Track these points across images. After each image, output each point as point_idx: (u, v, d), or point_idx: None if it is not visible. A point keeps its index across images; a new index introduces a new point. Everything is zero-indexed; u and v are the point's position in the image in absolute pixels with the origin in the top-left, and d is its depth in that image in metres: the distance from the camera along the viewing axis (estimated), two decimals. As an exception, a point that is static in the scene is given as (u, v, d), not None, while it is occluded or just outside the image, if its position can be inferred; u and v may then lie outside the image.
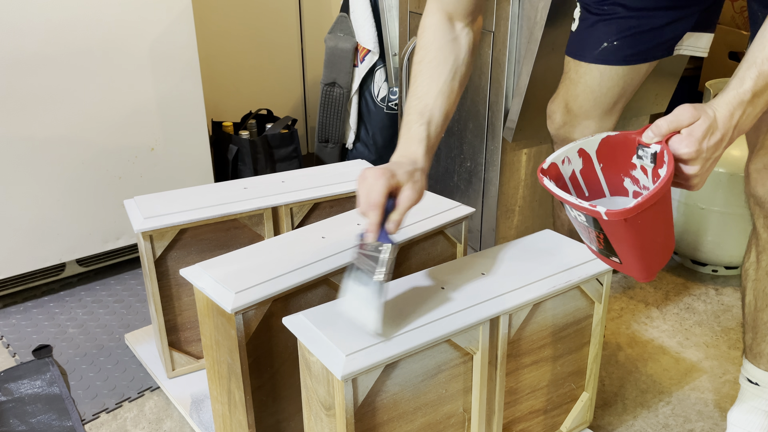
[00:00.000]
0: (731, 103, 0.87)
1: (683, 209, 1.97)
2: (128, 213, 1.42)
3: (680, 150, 0.85)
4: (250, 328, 1.11)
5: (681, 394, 1.52)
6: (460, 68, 1.10)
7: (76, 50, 1.72)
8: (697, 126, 0.85)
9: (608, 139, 0.93)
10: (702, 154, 0.86)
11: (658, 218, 0.88)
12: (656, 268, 0.97)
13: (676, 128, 0.86)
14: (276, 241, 1.27)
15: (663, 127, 0.86)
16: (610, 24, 1.28)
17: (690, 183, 0.89)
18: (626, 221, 0.84)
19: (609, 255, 0.96)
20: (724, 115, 0.86)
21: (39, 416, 1.43)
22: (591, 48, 1.31)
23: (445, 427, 1.08)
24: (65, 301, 1.87)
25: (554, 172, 0.95)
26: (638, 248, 0.91)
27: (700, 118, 0.85)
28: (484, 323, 1.04)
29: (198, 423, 1.38)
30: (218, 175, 2.25)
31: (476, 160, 1.92)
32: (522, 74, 1.68)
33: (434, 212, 1.38)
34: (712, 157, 0.88)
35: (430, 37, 1.10)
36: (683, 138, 0.85)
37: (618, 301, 1.89)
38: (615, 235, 0.89)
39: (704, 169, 0.88)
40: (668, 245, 0.96)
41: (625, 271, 0.98)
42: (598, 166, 0.96)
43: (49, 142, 1.75)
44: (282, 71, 2.75)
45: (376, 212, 0.94)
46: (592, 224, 0.90)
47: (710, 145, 0.86)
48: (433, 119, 1.05)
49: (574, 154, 0.95)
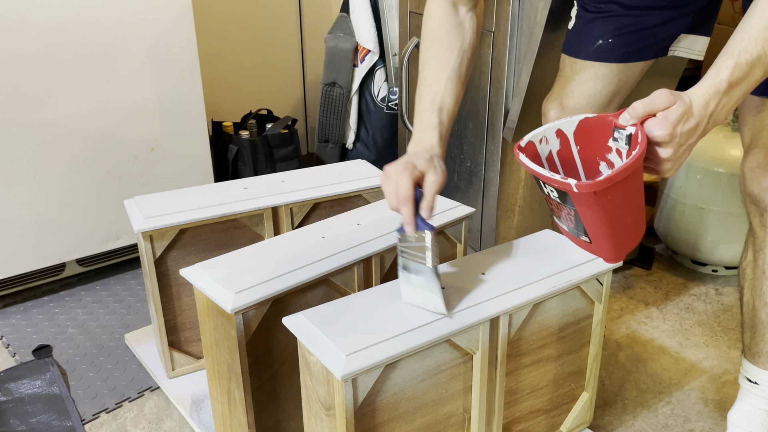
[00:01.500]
0: (707, 92, 0.88)
1: (683, 209, 1.97)
2: (128, 213, 1.42)
3: (654, 132, 0.87)
4: (250, 328, 1.11)
5: (681, 394, 1.52)
6: (467, 52, 1.13)
7: (76, 50, 1.72)
8: (673, 110, 0.86)
9: (586, 121, 0.94)
10: (675, 138, 0.87)
11: (627, 196, 0.89)
12: (625, 249, 0.98)
13: (652, 111, 0.87)
14: (276, 241, 1.27)
15: (639, 110, 0.87)
16: (606, 22, 1.30)
17: (662, 167, 0.90)
18: (595, 195, 0.85)
19: (579, 234, 0.97)
20: (700, 104, 0.88)
21: (39, 416, 1.43)
22: (586, 45, 1.32)
23: (445, 427, 1.08)
24: (65, 301, 1.87)
25: (531, 150, 0.96)
26: (607, 226, 0.92)
27: (676, 103, 0.86)
28: (484, 323, 1.04)
29: (198, 423, 1.38)
30: (218, 175, 2.25)
31: (476, 160, 1.92)
32: (522, 74, 1.68)
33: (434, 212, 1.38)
34: (686, 143, 0.89)
35: (436, 24, 1.13)
36: (658, 121, 0.86)
37: (618, 301, 1.89)
38: (584, 211, 0.90)
39: (677, 154, 0.89)
40: (638, 226, 0.97)
41: (594, 251, 0.99)
42: (575, 148, 0.97)
43: (49, 142, 1.75)
44: (282, 71, 2.75)
45: (408, 206, 0.97)
46: (564, 200, 0.91)
47: (684, 130, 0.87)
48: (445, 105, 1.08)
49: (552, 134, 0.96)
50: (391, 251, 1.28)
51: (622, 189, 0.87)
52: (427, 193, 0.99)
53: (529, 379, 1.19)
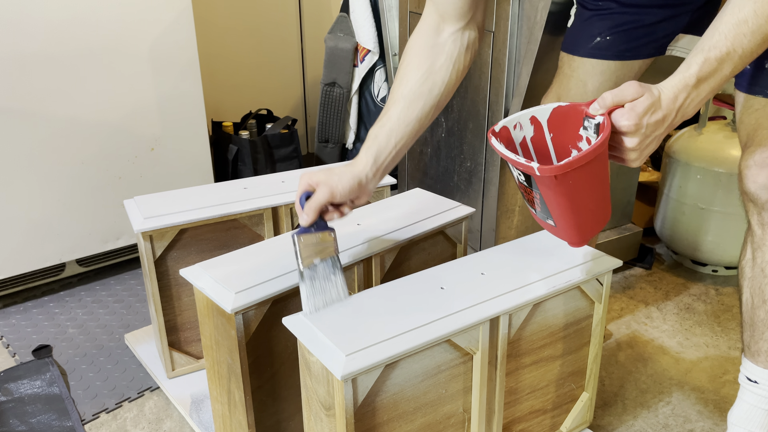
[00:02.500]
0: (676, 86, 0.90)
1: (683, 209, 1.97)
2: (128, 213, 1.42)
3: (620, 122, 0.88)
4: (250, 328, 1.11)
5: (681, 394, 1.52)
6: (435, 77, 1.12)
7: (77, 50, 1.72)
8: (640, 102, 0.88)
9: (559, 109, 0.96)
10: (641, 129, 0.89)
11: (590, 181, 0.91)
12: (588, 234, 1.00)
13: (620, 102, 0.89)
14: (276, 241, 1.27)
15: (607, 100, 0.89)
16: (604, 19, 1.31)
17: (627, 156, 0.92)
18: (557, 179, 0.88)
19: (545, 218, 0.99)
20: (668, 97, 0.89)
21: (39, 416, 1.43)
22: (584, 42, 1.34)
23: (445, 427, 1.08)
24: (65, 301, 1.87)
25: (505, 135, 0.98)
26: (569, 210, 0.94)
27: (644, 95, 0.88)
28: (484, 323, 1.04)
29: (198, 423, 1.38)
30: (218, 175, 2.25)
31: (476, 160, 1.92)
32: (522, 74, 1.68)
33: (434, 212, 1.38)
34: (653, 134, 0.91)
35: (414, 39, 1.14)
36: (625, 112, 0.88)
37: (618, 301, 1.89)
38: (548, 195, 0.93)
39: (643, 145, 0.91)
40: (601, 212, 0.99)
41: (558, 234, 1.02)
42: (548, 135, 0.99)
43: (50, 142, 1.75)
44: (282, 71, 2.75)
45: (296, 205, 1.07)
46: (530, 184, 0.94)
47: (651, 122, 0.89)
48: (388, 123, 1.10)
49: (527, 120, 0.98)
50: (391, 251, 1.28)
51: (585, 174, 0.89)
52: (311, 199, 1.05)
53: (529, 379, 1.19)
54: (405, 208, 1.39)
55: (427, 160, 2.14)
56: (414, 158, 2.22)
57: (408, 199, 1.45)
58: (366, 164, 1.08)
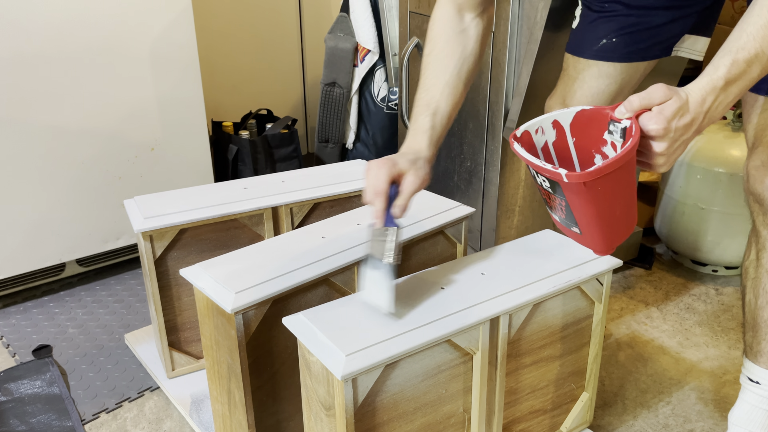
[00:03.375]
0: (704, 88, 0.88)
1: (683, 209, 1.97)
2: (128, 213, 1.41)
3: (649, 126, 0.87)
4: (250, 328, 1.11)
5: (681, 394, 1.52)
6: (468, 59, 1.14)
7: (77, 50, 1.72)
8: (668, 105, 0.86)
9: (583, 113, 0.94)
10: (670, 133, 0.87)
11: (618, 187, 0.89)
12: (615, 242, 0.98)
13: (648, 105, 0.87)
14: (276, 241, 1.27)
15: (635, 103, 0.88)
16: (610, 21, 1.30)
17: (655, 161, 0.90)
18: (586, 186, 0.86)
19: (570, 225, 0.97)
20: (696, 100, 0.88)
21: (39, 416, 1.43)
22: (590, 44, 1.33)
23: (445, 427, 1.08)
24: (65, 301, 1.87)
25: (527, 140, 0.96)
26: (597, 217, 0.92)
27: (672, 98, 0.87)
28: (484, 323, 1.04)
29: (198, 423, 1.38)
30: (218, 175, 2.25)
31: (476, 160, 1.92)
32: (522, 74, 1.68)
33: (434, 212, 1.38)
34: (681, 138, 0.89)
35: (439, 30, 1.15)
36: (653, 115, 0.86)
37: (618, 301, 1.89)
38: (575, 202, 0.91)
39: (671, 149, 0.89)
40: (628, 219, 0.97)
41: (584, 242, 0.99)
42: (570, 140, 0.97)
43: (49, 142, 1.75)
44: (282, 71, 2.75)
45: (380, 199, 0.99)
46: (555, 190, 0.92)
47: (679, 125, 0.87)
48: (439, 110, 1.10)
49: (549, 125, 0.96)
50: (391, 251, 1.28)
51: (613, 181, 0.87)
52: (402, 193, 1.01)
53: (529, 379, 1.19)
54: (405, 208, 1.39)
55: (427, 160, 2.14)
56: (414, 158, 2.21)
57: (408, 199, 1.45)
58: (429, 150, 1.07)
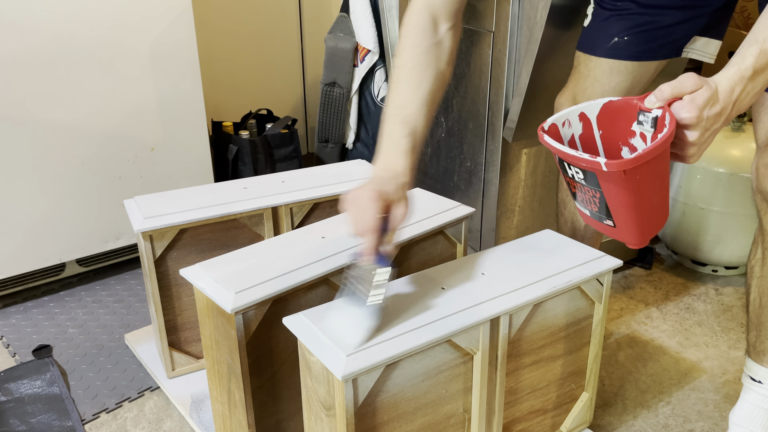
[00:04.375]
0: (732, 78, 0.88)
1: (683, 209, 1.97)
2: (128, 213, 1.41)
3: (682, 114, 0.87)
4: (250, 328, 1.11)
5: (681, 394, 1.52)
6: (441, 76, 1.10)
7: (76, 50, 1.72)
8: (700, 94, 0.86)
9: (610, 104, 0.94)
10: (702, 122, 0.87)
11: (655, 176, 0.89)
12: (649, 233, 0.97)
13: (679, 94, 0.87)
14: (276, 241, 1.27)
15: (666, 92, 0.88)
16: (622, 20, 1.31)
17: (687, 152, 0.90)
18: (625, 174, 0.85)
19: (603, 218, 0.96)
20: (725, 89, 0.88)
21: (39, 416, 1.43)
22: (602, 42, 1.33)
23: (446, 428, 1.08)
24: (65, 301, 1.87)
25: (554, 133, 0.96)
26: (633, 207, 0.91)
27: (703, 86, 0.87)
28: (484, 323, 1.04)
29: (198, 423, 1.38)
30: (218, 175, 2.25)
31: (476, 160, 1.92)
32: (522, 74, 1.68)
33: (434, 212, 1.38)
34: (711, 128, 0.89)
35: (414, 39, 1.09)
36: (685, 104, 0.87)
37: (618, 301, 1.89)
38: (611, 192, 0.90)
39: (702, 139, 0.89)
40: (663, 209, 0.97)
41: (617, 235, 0.98)
42: (597, 132, 0.97)
43: (50, 142, 1.75)
44: (282, 71, 2.75)
45: (372, 236, 0.94)
46: (590, 182, 0.91)
47: (710, 114, 0.87)
48: (417, 130, 1.04)
49: (575, 117, 0.96)
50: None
51: (650, 170, 0.87)
52: (393, 227, 0.97)
53: (529, 379, 1.19)
54: (405, 208, 1.39)
55: (427, 160, 2.14)
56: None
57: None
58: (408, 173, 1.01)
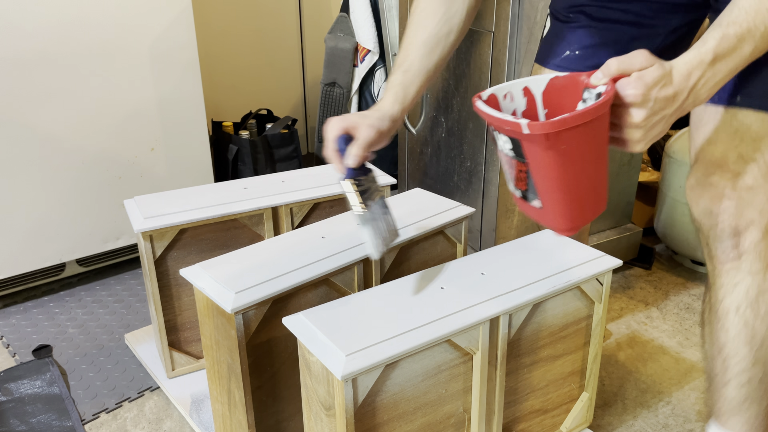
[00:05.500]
0: (691, 62, 0.82)
1: (683, 209, 1.97)
2: (128, 213, 1.42)
3: (627, 90, 0.79)
4: (250, 328, 1.11)
5: (681, 394, 1.52)
6: (450, 23, 1.08)
7: (77, 50, 1.72)
8: (650, 71, 0.80)
9: (556, 80, 0.87)
10: (649, 102, 0.80)
11: (586, 149, 0.81)
12: (580, 218, 0.88)
13: (627, 70, 0.80)
14: (276, 241, 1.27)
15: (612, 67, 0.81)
16: (574, 32, 1.24)
17: (630, 135, 0.82)
18: (548, 139, 0.78)
19: (531, 198, 0.88)
20: (681, 72, 0.81)
21: (39, 416, 1.43)
22: (554, 55, 1.27)
23: (445, 427, 1.08)
24: (65, 301, 1.87)
25: (492, 104, 0.88)
26: (558, 183, 0.83)
27: (654, 65, 0.80)
28: (484, 323, 1.04)
29: (198, 423, 1.39)
30: (218, 175, 2.25)
31: (476, 160, 1.92)
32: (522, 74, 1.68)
33: (434, 212, 1.38)
34: (661, 112, 0.81)
35: None
36: (632, 80, 0.79)
37: (618, 301, 1.89)
38: (536, 163, 0.82)
39: (650, 122, 0.81)
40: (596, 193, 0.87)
41: (544, 220, 0.91)
42: (542, 111, 0.89)
43: (49, 142, 1.75)
44: (282, 71, 2.75)
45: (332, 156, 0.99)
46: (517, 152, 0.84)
47: (660, 96, 0.80)
48: (411, 68, 1.06)
49: (519, 91, 0.89)
50: (391, 251, 1.28)
51: (580, 139, 0.79)
52: (356, 140, 0.99)
53: (529, 379, 1.19)
54: (405, 208, 1.39)
55: (427, 160, 2.14)
56: (414, 158, 2.22)
57: (408, 199, 1.45)
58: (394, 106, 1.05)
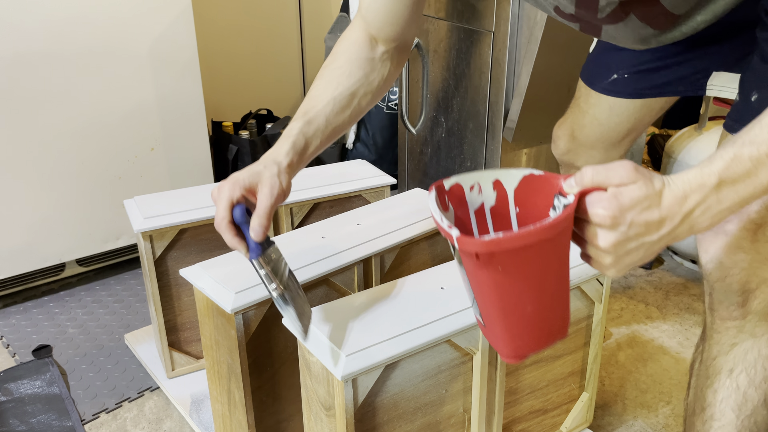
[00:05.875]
0: (689, 183, 0.66)
1: (683, 209, 1.96)
2: (128, 213, 1.42)
3: (595, 209, 0.66)
4: (250, 328, 1.11)
5: (681, 394, 1.52)
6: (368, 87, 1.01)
7: (76, 50, 1.72)
8: (628, 190, 0.65)
9: (531, 178, 0.74)
10: (621, 225, 0.65)
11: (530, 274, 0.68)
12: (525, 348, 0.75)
13: (602, 183, 0.66)
14: (276, 241, 1.27)
15: (586, 177, 0.67)
16: (621, 53, 1.14)
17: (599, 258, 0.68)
18: (479, 260, 0.66)
19: (474, 312, 0.78)
20: (675, 195, 0.66)
21: (39, 416, 1.43)
22: (601, 77, 1.19)
23: (445, 428, 1.08)
24: (65, 301, 1.87)
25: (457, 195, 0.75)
26: (499, 306, 0.71)
27: (637, 182, 0.65)
28: (484, 323, 1.04)
29: (198, 423, 1.38)
30: (218, 175, 2.25)
31: (476, 160, 1.92)
32: (522, 74, 1.68)
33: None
34: (639, 239, 0.67)
35: (346, 47, 1.01)
36: (605, 197, 0.65)
37: (618, 301, 1.89)
38: (473, 280, 0.71)
39: (622, 249, 0.67)
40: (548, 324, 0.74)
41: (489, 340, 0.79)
42: (513, 209, 0.76)
43: (49, 142, 1.75)
44: (282, 71, 2.75)
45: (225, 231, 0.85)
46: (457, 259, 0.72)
47: (638, 220, 0.65)
48: (316, 121, 0.96)
49: (489, 184, 0.76)
50: (391, 251, 1.28)
51: (521, 263, 0.66)
52: (258, 210, 0.85)
53: (529, 379, 1.19)
54: (405, 208, 1.39)
55: (427, 160, 2.14)
56: (414, 158, 2.22)
57: (408, 199, 1.45)
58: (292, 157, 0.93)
